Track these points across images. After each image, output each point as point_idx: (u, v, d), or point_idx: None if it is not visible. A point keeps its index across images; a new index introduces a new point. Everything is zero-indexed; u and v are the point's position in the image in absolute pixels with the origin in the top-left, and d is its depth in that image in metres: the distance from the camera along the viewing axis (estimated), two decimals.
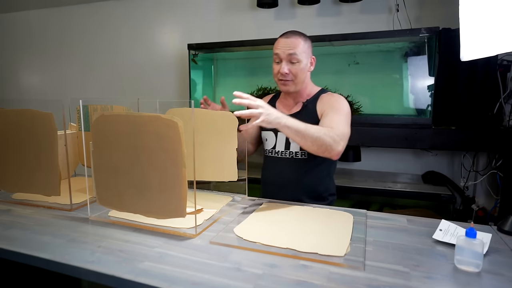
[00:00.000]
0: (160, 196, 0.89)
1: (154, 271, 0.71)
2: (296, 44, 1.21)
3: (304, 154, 1.27)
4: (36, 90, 3.48)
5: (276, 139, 1.33)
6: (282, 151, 1.31)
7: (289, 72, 1.23)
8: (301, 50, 1.22)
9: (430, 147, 1.93)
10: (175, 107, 1.22)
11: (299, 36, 1.24)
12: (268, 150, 1.36)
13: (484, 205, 2.12)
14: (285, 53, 1.22)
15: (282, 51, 1.23)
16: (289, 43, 1.22)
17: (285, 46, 1.22)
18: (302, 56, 1.23)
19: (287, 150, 1.30)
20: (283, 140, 1.31)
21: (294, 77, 1.24)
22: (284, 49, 1.22)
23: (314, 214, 1.05)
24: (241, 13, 2.60)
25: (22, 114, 1.08)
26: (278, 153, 1.32)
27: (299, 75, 1.24)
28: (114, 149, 0.93)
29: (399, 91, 2.22)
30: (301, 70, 1.24)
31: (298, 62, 1.22)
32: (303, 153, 1.27)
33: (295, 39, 1.22)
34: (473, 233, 0.73)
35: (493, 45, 0.81)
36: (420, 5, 2.17)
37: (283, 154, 1.30)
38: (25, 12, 3.36)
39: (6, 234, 0.90)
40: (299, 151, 1.28)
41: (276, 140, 1.33)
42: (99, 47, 3.12)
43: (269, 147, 1.35)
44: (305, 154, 1.27)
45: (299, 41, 1.22)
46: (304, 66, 1.24)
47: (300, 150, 1.28)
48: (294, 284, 0.66)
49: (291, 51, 1.21)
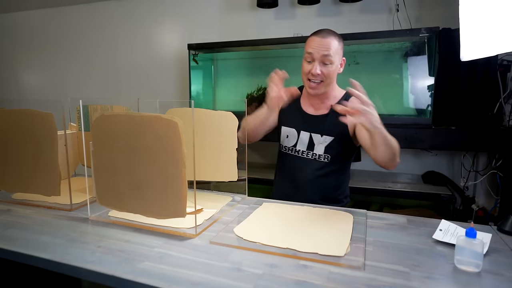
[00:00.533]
0: (160, 196, 0.89)
1: (154, 271, 0.71)
2: (331, 45, 1.18)
3: (327, 158, 1.25)
4: (35, 90, 3.48)
5: (298, 138, 1.30)
6: (304, 151, 1.29)
7: (320, 73, 1.20)
8: (335, 51, 1.19)
9: (430, 147, 1.93)
10: (175, 107, 1.22)
11: (334, 36, 1.20)
12: (287, 147, 1.33)
13: (484, 205, 2.12)
14: (319, 54, 1.18)
15: (316, 51, 1.18)
16: (325, 44, 1.17)
17: (320, 46, 1.18)
18: (335, 58, 1.19)
19: (309, 151, 1.28)
20: (306, 140, 1.29)
21: (325, 78, 1.21)
22: (319, 49, 1.18)
23: (314, 214, 1.04)
24: (241, 13, 2.60)
25: (22, 114, 1.08)
26: (299, 153, 1.30)
27: (330, 76, 1.21)
28: (114, 149, 0.93)
29: (399, 91, 2.22)
30: (332, 72, 1.21)
31: (331, 63, 1.19)
32: (326, 156, 1.25)
33: (330, 39, 1.18)
34: (473, 233, 0.73)
35: (493, 45, 0.81)
36: (420, 5, 2.17)
37: (304, 154, 1.29)
38: (25, 12, 3.37)
39: (6, 234, 0.90)
40: (322, 154, 1.26)
41: (298, 139, 1.30)
42: (99, 47, 3.12)
43: (289, 145, 1.33)
44: (328, 158, 1.25)
45: (334, 42, 1.19)
46: (336, 68, 1.22)
47: (324, 153, 1.25)
48: (294, 284, 0.66)
49: (326, 52, 1.17)
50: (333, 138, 1.26)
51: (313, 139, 1.28)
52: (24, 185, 1.13)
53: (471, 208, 2.06)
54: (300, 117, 1.32)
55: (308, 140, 1.28)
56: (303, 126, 1.30)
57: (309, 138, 1.28)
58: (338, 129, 1.24)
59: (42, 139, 1.06)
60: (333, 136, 1.26)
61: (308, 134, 1.28)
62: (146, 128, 0.87)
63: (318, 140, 1.27)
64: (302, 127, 1.30)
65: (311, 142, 1.28)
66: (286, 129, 1.33)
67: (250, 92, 2.46)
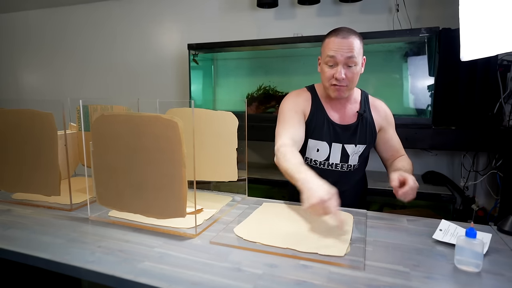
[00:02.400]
0: (160, 196, 0.89)
1: (154, 271, 0.71)
2: (354, 45, 1.08)
3: (357, 166, 1.24)
4: (34, 89, 3.48)
5: (330, 151, 1.21)
6: (337, 164, 1.21)
7: (345, 77, 1.10)
8: (358, 51, 1.09)
9: (430, 147, 1.93)
10: (175, 107, 1.22)
11: (355, 35, 1.10)
12: (318, 161, 1.22)
13: (484, 205, 2.12)
14: (343, 56, 1.07)
15: (340, 54, 1.07)
16: (347, 45, 1.07)
17: (342, 48, 1.07)
18: (359, 58, 1.10)
19: (344, 163, 1.21)
20: (338, 152, 1.20)
21: (349, 82, 1.11)
22: (342, 51, 1.07)
23: None
24: (241, 13, 2.60)
25: (22, 114, 1.08)
26: (332, 166, 1.22)
27: (355, 79, 1.12)
28: (114, 149, 0.93)
29: (399, 91, 2.22)
30: (357, 74, 1.12)
31: (355, 65, 1.09)
32: (359, 164, 1.24)
33: (353, 39, 1.08)
34: (473, 233, 0.73)
35: (493, 45, 0.81)
36: (420, 5, 2.17)
37: (339, 167, 1.22)
38: (23, 12, 3.36)
39: (6, 234, 0.90)
40: (357, 163, 1.22)
41: (330, 151, 1.21)
42: (98, 47, 3.12)
43: (320, 159, 1.22)
44: (357, 165, 1.23)
45: (356, 42, 1.09)
46: (359, 70, 1.12)
47: (358, 162, 1.22)
48: (294, 284, 0.66)
49: (350, 53, 1.07)
50: (365, 146, 1.22)
51: (347, 150, 1.20)
52: (24, 185, 1.13)
53: (471, 208, 2.06)
54: (329, 128, 1.20)
55: (341, 152, 1.20)
56: (335, 138, 1.20)
57: (342, 149, 1.20)
58: (369, 137, 1.22)
59: (42, 139, 1.06)
60: (365, 144, 1.22)
61: (341, 146, 1.20)
62: (146, 128, 0.87)
63: (353, 151, 1.20)
64: (334, 139, 1.21)
65: (345, 153, 1.20)
66: (315, 142, 1.21)
67: (250, 92, 2.46)
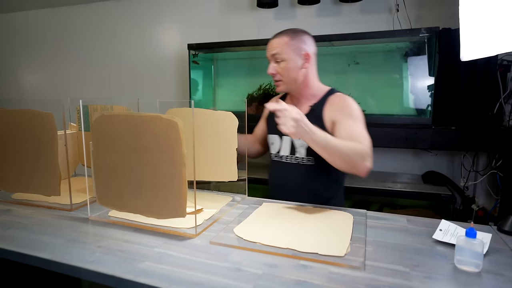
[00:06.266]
0: (160, 196, 0.89)
1: (154, 271, 0.71)
2: (279, 44, 1.19)
3: (310, 160, 1.24)
4: (35, 89, 3.49)
5: (281, 144, 1.30)
6: (287, 156, 1.28)
7: (275, 72, 1.22)
8: (287, 48, 1.19)
9: (430, 147, 1.93)
10: (175, 107, 1.22)
11: (286, 34, 1.21)
12: (273, 154, 1.33)
13: (484, 205, 2.12)
14: (269, 54, 1.22)
15: (268, 53, 1.23)
16: (272, 44, 1.21)
17: (269, 47, 1.22)
18: (289, 55, 1.19)
19: (292, 156, 1.27)
20: (288, 145, 1.27)
21: (281, 76, 1.22)
22: (269, 50, 1.22)
23: (314, 214, 1.04)
24: (241, 13, 2.60)
25: (22, 114, 1.08)
26: (283, 158, 1.29)
27: (285, 74, 1.21)
28: (114, 149, 0.93)
29: (399, 91, 2.22)
30: (287, 69, 1.20)
31: (282, 61, 1.20)
32: (309, 159, 1.24)
33: (279, 38, 1.20)
34: (473, 233, 0.73)
35: (493, 45, 0.81)
36: (420, 5, 2.17)
37: (288, 159, 1.28)
38: (24, 12, 3.37)
39: (6, 234, 0.90)
40: (305, 157, 1.24)
41: (281, 144, 1.30)
42: (98, 47, 3.12)
43: (274, 151, 1.33)
44: (311, 160, 1.23)
45: (283, 40, 1.19)
46: (293, 65, 1.20)
47: (306, 156, 1.24)
48: (294, 284, 0.66)
49: (273, 51, 1.20)
50: None
51: (294, 143, 1.26)
52: (24, 185, 1.13)
53: (471, 208, 2.06)
54: None
55: (290, 145, 1.27)
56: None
57: (291, 142, 1.26)
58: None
59: (42, 139, 1.06)
60: None
61: (289, 139, 1.27)
62: (146, 128, 0.87)
63: (299, 143, 1.25)
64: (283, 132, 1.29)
65: (293, 146, 1.26)
66: (271, 136, 1.34)
67: (250, 92, 2.46)
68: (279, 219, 1.00)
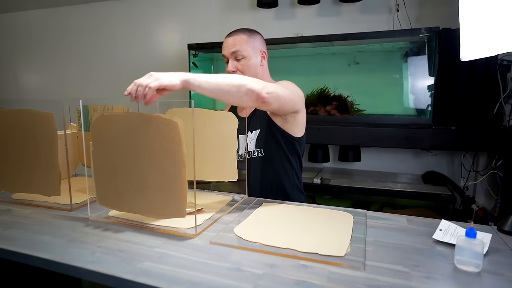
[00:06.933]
0: (160, 196, 0.89)
1: (154, 271, 0.71)
2: (238, 41, 1.21)
3: (260, 152, 1.25)
4: (35, 89, 3.49)
5: (239, 143, 1.29)
6: (243, 154, 1.29)
7: (236, 69, 1.22)
8: (246, 46, 1.21)
9: (430, 147, 1.93)
10: (175, 107, 1.22)
11: (242, 32, 1.23)
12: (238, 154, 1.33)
13: (484, 205, 2.12)
14: (227, 52, 1.22)
15: (226, 51, 1.23)
16: (231, 41, 1.22)
17: (228, 45, 1.22)
18: (249, 52, 1.21)
19: (246, 151, 1.28)
20: (243, 142, 1.29)
21: (242, 73, 1.22)
22: (228, 48, 1.22)
23: (314, 214, 1.04)
24: (241, 13, 2.60)
25: (22, 114, 1.08)
26: (242, 156, 1.30)
27: (246, 71, 1.22)
28: (114, 149, 0.93)
29: (399, 91, 2.22)
30: (248, 66, 1.22)
31: (243, 58, 1.21)
32: (259, 151, 1.25)
33: (237, 36, 1.22)
34: (473, 233, 0.73)
35: (493, 45, 0.81)
36: (420, 5, 2.17)
37: (243, 156, 1.29)
38: (24, 12, 3.37)
39: (6, 234, 0.90)
40: (254, 149, 1.26)
41: (239, 144, 1.29)
42: (98, 47, 3.12)
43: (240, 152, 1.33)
44: (261, 151, 1.25)
45: (241, 37, 1.21)
46: (253, 62, 1.22)
47: (255, 148, 1.26)
48: (294, 284, 0.66)
49: (234, 48, 1.20)
50: (259, 130, 1.26)
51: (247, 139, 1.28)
52: (24, 185, 1.13)
53: (471, 208, 2.06)
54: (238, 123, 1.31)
55: (246, 142, 1.29)
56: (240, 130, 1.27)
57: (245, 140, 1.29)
58: (263, 121, 1.25)
59: (42, 139, 1.06)
60: (259, 128, 1.26)
61: (243, 136, 1.29)
62: (146, 128, 0.87)
63: (250, 138, 1.28)
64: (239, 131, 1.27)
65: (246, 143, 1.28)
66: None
67: None
68: (279, 219, 1.00)
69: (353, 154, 2.24)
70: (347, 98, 2.23)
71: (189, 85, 0.90)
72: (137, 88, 0.85)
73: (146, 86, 0.84)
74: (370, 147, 2.27)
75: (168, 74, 0.88)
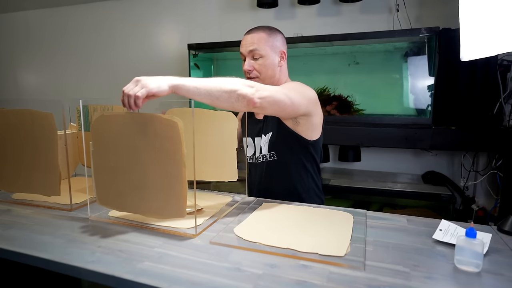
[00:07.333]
0: (160, 196, 0.89)
1: (154, 271, 0.71)
2: (257, 39, 1.17)
3: (273, 156, 1.23)
4: (34, 89, 3.49)
5: (255, 145, 1.29)
6: (258, 157, 1.28)
7: (252, 69, 1.19)
8: (265, 45, 1.17)
9: (430, 147, 1.93)
10: (175, 107, 1.22)
11: (262, 30, 1.18)
12: (249, 156, 1.32)
13: (484, 205, 2.12)
14: (246, 50, 1.18)
15: (244, 49, 1.19)
16: (250, 39, 1.18)
17: (246, 43, 1.19)
18: (267, 51, 1.17)
19: (260, 154, 1.27)
20: (258, 145, 1.27)
21: (258, 73, 1.19)
22: (246, 46, 1.19)
23: (314, 214, 1.04)
24: (241, 13, 2.60)
25: (22, 114, 1.08)
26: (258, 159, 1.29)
27: (263, 71, 1.19)
28: (114, 149, 0.93)
29: (399, 91, 2.22)
30: (265, 66, 1.18)
31: (261, 57, 1.18)
32: (271, 154, 1.23)
33: (256, 34, 1.18)
34: (473, 233, 0.73)
35: (493, 45, 0.81)
36: (420, 5, 2.17)
37: (259, 159, 1.28)
38: (23, 12, 3.37)
39: (6, 234, 0.90)
40: (267, 153, 1.24)
41: (255, 146, 1.29)
42: (98, 47, 3.12)
43: (250, 154, 1.32)
44: (273, 155, 1.23)
45: (261, 36, 1.17)
46: (271, 62, 1.19)
47: (268, 152, 1.24)
48: (294, 284, 0.66)
49: (252, 47, 1.17)
50: (271, 133, 1.23)
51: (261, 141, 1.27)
52: (24, 185, 1.13)
53: (471, 208, 2.06)
54: (252, 125, 1.31)
55: (259, 145, 1.27)
56: (256, 132, 1.29)
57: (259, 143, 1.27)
58: (274, 124, 1.22)
59: (42, 139, 1.06)
60: (271, 131, 1.23)
61: (259, 139, 1.28)
62: (146, 128, 0.87)
63: (263, 141, 1.26)
64: (254, 133, 1.29)
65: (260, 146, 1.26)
66: (245, 139, 1.32)
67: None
68: (279, 219, 1.00)
69: (353, 154, 2.24)
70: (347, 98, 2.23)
71: (178, 90, 0.87)
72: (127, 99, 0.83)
73: (134, 96, 0.83)
74: (370, 147, 2.27)
75: (156, 80, 0.85)
